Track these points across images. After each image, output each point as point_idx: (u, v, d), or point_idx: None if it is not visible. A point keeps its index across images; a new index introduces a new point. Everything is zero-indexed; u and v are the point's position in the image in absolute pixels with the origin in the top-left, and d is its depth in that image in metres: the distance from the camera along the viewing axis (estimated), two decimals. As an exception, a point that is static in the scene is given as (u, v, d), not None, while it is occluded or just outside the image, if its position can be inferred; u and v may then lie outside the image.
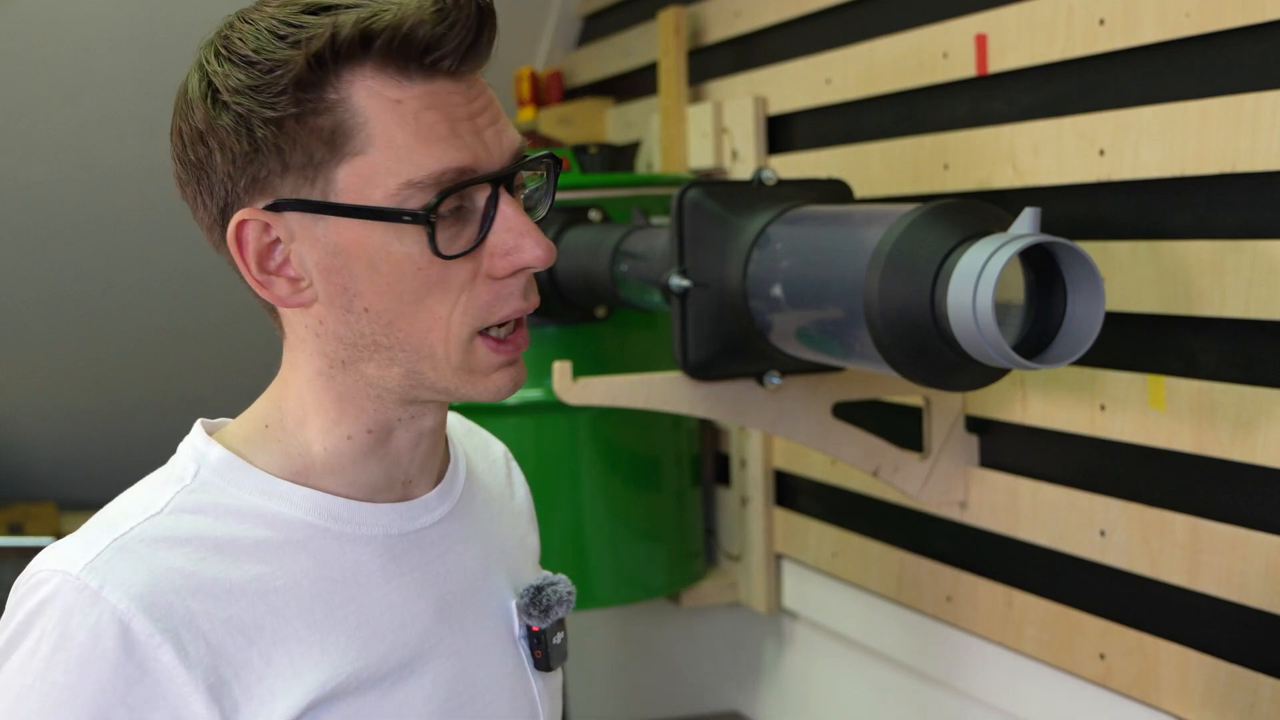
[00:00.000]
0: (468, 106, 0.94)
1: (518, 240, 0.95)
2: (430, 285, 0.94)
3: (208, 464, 0.99)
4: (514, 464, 1.25)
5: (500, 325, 0.97)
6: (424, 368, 0.97)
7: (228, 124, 0.93)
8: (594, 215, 2.02)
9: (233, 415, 1.11)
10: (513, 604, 1.10)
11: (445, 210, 0.93)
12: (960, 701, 1.83)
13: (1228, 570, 1.39)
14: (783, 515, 2.22)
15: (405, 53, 0.91)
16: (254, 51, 0.92)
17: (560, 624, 1.12)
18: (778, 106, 2.13)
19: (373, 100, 0.92)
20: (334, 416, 1.00)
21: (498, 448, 1.24)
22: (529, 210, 1.00)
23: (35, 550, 2.76)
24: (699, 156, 2.28)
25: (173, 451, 1.05)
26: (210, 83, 0.94)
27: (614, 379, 1.69)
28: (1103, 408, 1.53)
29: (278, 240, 0.96)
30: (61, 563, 0.92)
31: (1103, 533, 1.54)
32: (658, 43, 2.41)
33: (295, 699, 0.94)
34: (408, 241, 0.93)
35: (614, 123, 2.73)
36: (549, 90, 2.89)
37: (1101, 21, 1.49)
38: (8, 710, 0.89)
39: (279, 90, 0.91)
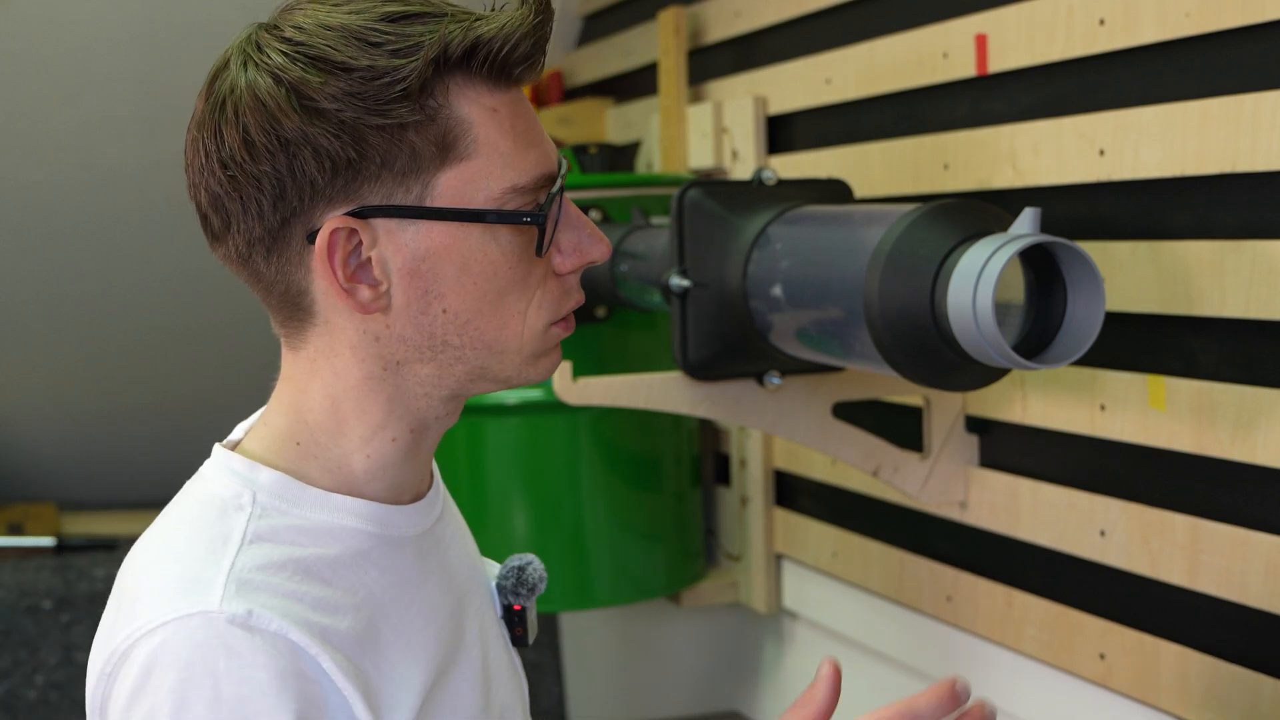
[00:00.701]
0: (530, 113, 1.00)
1: (583, 237, 1.01)
2: (514, 284, 0.98)
3: (263, 488, 0.99)
4: None
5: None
6: (492, 361, 1.00)
7: (326, 131, 0.92)
8: (594, 215, 2.02)
9: (233, 415, 1.11)
10: (493, 585, 1.15)
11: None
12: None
13: (1228, 570, 1.39)
14: (783, 515, 2.22)
15: (504, 64, 0.95)
16: (350, 59, 0.92)
17: (533, 602, 1.17)
18: (778, 106, 2.13)
19: (474, 108, 0.95)
20: (379, 420, 1.01)
21: None
22: None
23: (35, 550, 2.76)
24: (699, 156, 2.28)
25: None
26: (295, 89, 0.93)
27: (614, 379, 1.69)
28: (1103, 408, 1.53)
29: (359, 246, 0.96)
30: (189, 608, 0.91)
31: (1103, 533, 1.54)
32: (658, 43, 2.42)
33: (411, 701, 0.97)
34: (502, 242, 0.97)
35: (614, 123, 2.73)
36: (549, 90, 2.89)
37: (1101, 21, 1.49)
38: None
39: (392, 98, 0.92)
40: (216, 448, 1.03)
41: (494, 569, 1.17)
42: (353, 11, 0.95)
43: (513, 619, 1.15)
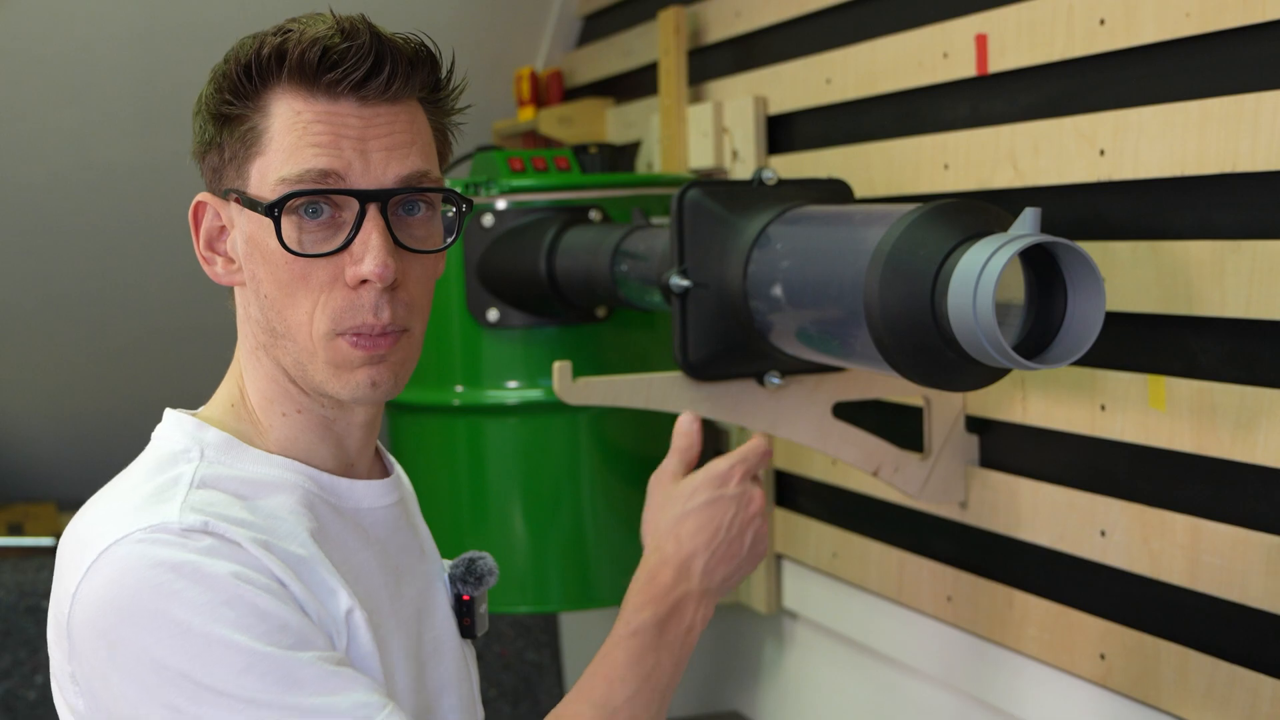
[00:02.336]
0: (363, 129, 1.04)
1: (362, 253, 1.03)
2: (295, 280, 1.05)
3: (209, 444, 1.08)
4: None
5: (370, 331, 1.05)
6: (303, 359, 1.07)
7: (197, 118, 1.09)
8: (594, 215, 2.02)
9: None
10: (445, 575, 1.21)
11: (302, 209, 1.03)
12: (960, 701, 1.83)
13: (1228, 570, 1.39)
14: (783, 515, 2.22)
15: (308, 71, 1.03)
16: (224, 60, 1.07)
17: (484, 595, 1.23)
18: (778, 106, 2.13)
19: (281, 110, 1.04)
20: (269, 395, 1.11)
21: None
22: (420, 238, 1.08)
23: (35, 550, 2.76)
24: (699, 156, 2.28)
25: None
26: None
27: (614, 379, 1.69)
28: (1103, 408, 1.53)
29: (225, 226, 1.09)
30: (149, 521, 0.99)
31: (1103, 533, 1.54)
32: (658, 43, 2.41)
33: (343, 631, 1.03)
34: (275, 236, 1.04)
35: (614, 123, 2.73)
36: (549, 90, 2.89)
37: (1101, 21, 1.49)
38: (205, 625, 0.96)
39: (221, 95, 1.06)
40: (168, 411, 1.13)
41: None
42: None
43: (461, 609, 1.21)
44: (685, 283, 1.60)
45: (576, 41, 2.97)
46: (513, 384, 2.09)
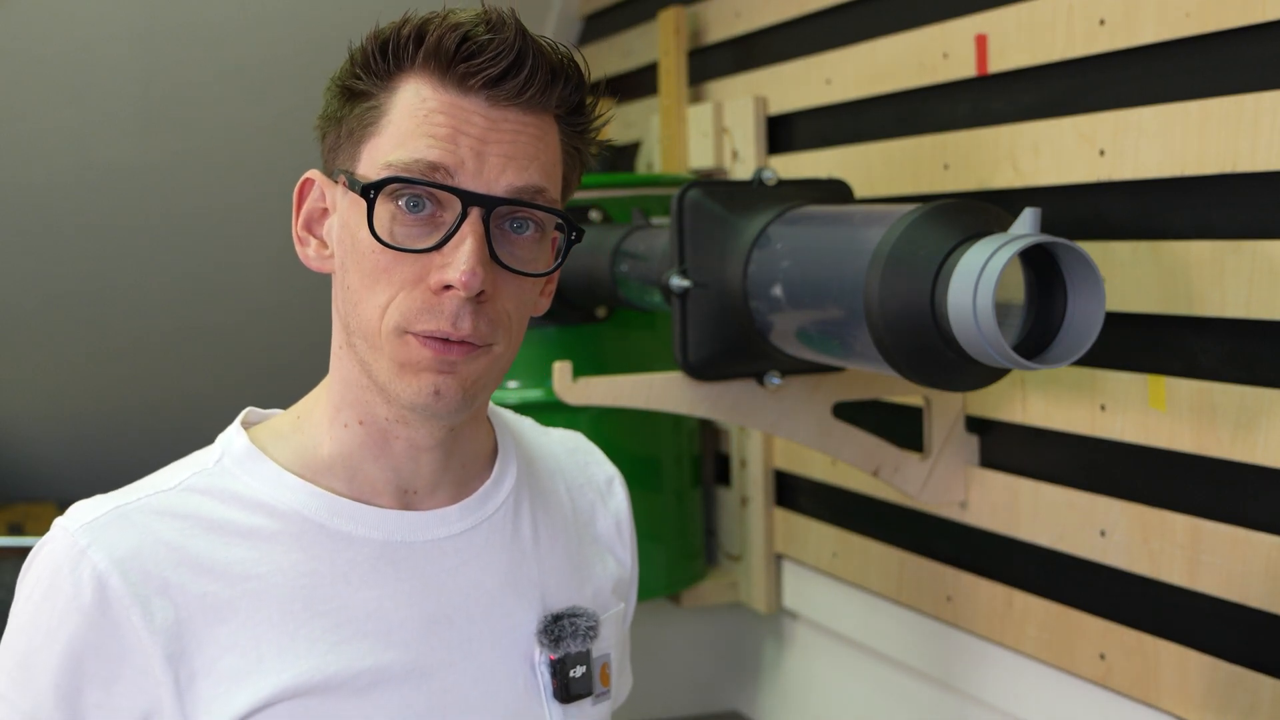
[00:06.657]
0: (486, 129, 0.97)
1: (451, 258, 0.96)
2: (379, 271, 0.97)
3: (231, 453, 1.05)
4: (617, 491, 1.27)
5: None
6: (370, 357, 1.00)
7: (327, 92, 1.03)
8: (594, 215, 2.02)
9: (232, 415, 1.12)
10: (534, 629, 1.09)
11: (404, 200, 0.97)
12: (960, 701, 1.83)
13: (1228, 570, 1.39)
14: (783, 515, 2.22)
15: (443, 57, 0.97)
16: (364, 37, 1.01)
17: (582, 657, 1.10)
18: (778, 106, 2.13)
19: (407, 95, 0.98)
20: (337, 402, 1.05)
21: (600, 473, 1.26)
22: (523, 259, 1.00)
23: (35, 550, 2.76)
24: (699, 156, 2.28)
25: (173, 451, 1.10)
26: None
27: (614, 379, 1.69)
28: (1103, 408, 1.53)
29: (327, 209, 1.04)
30: (68, 519, 1.00)
31: (1103, 533, 1.54)
32: (658, 43, 2.42)
33: (260, 686, 0.98)
34: (376, 224, 0.98)
35: (614, 123, 2.73)
36: (549, 90, 2.88)
37: (1101, 21, 1.49)
38: (13, 635, 1.00)
39: (353, 69, 1.00)
40: (242, 411, 1.10)
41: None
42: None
43: (552, 669, 1.09)
44: (685, 283, 1.60)
45: (576, 41, 2.97)
46: (513, 384, 2.09)
